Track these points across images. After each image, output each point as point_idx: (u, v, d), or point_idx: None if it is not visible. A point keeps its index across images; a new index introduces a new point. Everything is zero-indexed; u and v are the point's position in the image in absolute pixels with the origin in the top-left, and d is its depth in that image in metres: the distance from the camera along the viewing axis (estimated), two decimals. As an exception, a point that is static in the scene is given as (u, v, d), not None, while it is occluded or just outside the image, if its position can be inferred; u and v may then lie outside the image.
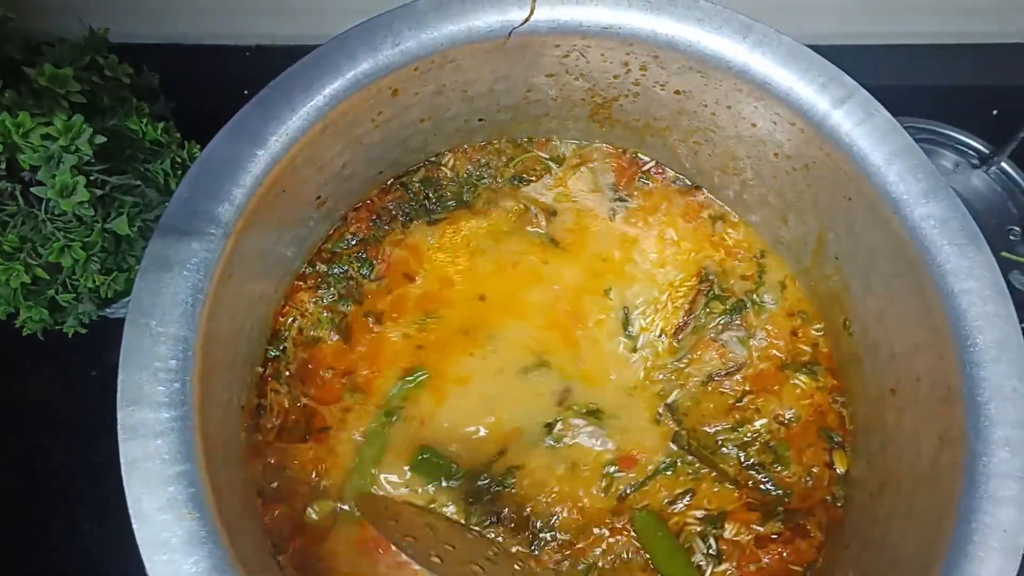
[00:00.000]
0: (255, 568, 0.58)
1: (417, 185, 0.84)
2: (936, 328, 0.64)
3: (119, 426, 0.55)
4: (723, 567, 0.73)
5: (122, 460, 0.55)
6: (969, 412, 0.60)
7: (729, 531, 0.74)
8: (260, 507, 0.70)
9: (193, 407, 0.57)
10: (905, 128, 0.67)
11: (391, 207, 0.83)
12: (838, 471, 0.76)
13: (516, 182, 0.85)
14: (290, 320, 0.78)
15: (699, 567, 0.73)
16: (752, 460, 0.76)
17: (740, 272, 0.83)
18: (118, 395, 0.56)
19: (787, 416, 0.78)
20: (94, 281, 0.78)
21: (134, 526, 0.54)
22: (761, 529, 0.74)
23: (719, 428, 0.78)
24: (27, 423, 0.90)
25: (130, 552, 0.54)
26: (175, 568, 0.53)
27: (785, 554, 0.73)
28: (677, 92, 0.75)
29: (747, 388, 0.79)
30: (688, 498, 0.75)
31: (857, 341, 0.76)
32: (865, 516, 0.72)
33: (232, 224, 0.61)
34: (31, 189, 0.71)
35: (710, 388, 0.79)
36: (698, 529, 0.74)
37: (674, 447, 0.76)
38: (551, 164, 0.86)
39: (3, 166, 0.69)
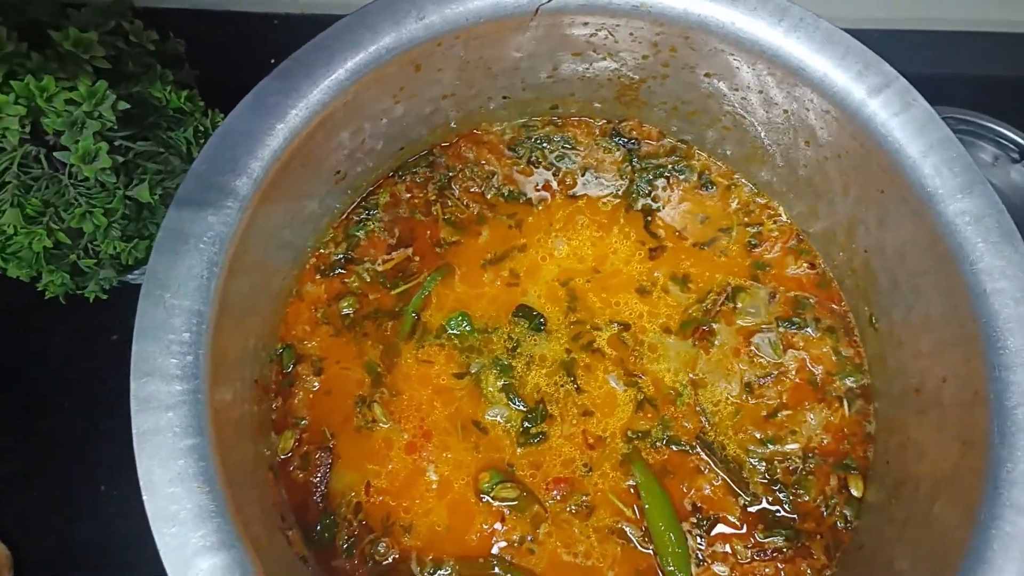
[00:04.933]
0: (263, 543, 0.58)
1: (439, 162, 0.83)
2: (965, 328, 0.62)
3: (132, 397, 0.55)
4: (717, 570, 0.71)
5: (134, 431, 0.55)
6: (995, 416, 0.59)
7: (719, 546, 0.72)
8: (271, 481, 0.70)
9: (205, 380, 0.57)
10: (943, 119, 0.64)
11: (411, 186, 0.82)
12: (853, 494, 0.73)
13: (534, 165, 0.84)
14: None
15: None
16: (777, 477, 0.74)
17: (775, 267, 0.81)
18: (132, 366, 0.56)
19: (818, 442, 0.75)
20: (115, 247, 0.78)
21: (144, 498, 0.54)
22: (762, 540, 0.72)
23: (751, 437, 0.75)
24: (46, 385, 0.91)
25: (143, 512, 0.54)
26: (183, 541, 0.53)
27: (784, 572, 0.71)
28: (707, 75, 0.73)
29: (784, 401, 0.76)
30: (685, 487, 0.74)
31: (883, 337, 0.74)
32: (880, 516, 0.71)
33: (249, 198, 0.60)
34: (55, 153, 0.71)
35: (748, 397, 0.76)
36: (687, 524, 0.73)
37: (698, 446, 0.75)
38: (575, 144, 0.84)
39: (28, 129, 0.69)
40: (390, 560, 0.70)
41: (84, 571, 0.85)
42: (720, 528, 0.72)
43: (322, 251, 0.79)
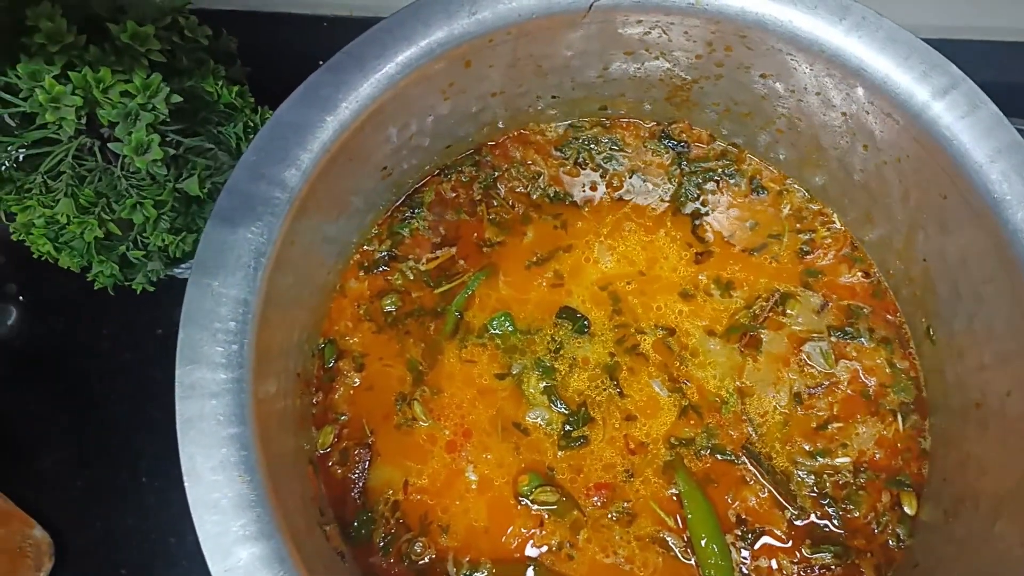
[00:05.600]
0: (301, 536, 0.58)
1: (486, 161, 0.83)
2: (1032, 340, 0.59)
3: (176, 384, 0.55)
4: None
5: (178, 418, 0.55)
6: (1064, 432, 0.56)
7: (764, 560, 0.70)
8: (311, 476, 0.70)
9: (250, 370, 0.57)
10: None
11: (456, 185, 0.82)
12: (907, 511, 0.71)
13: (581, 166, 0.83)
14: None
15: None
16: (826, 492, 0.71)
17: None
18: (178, 353, 0.56)
19: (870, 456, 0.73)
20: (164, 240, 0.79)
21: (186, 485, 0.54)
22: (809, 556, 0.69)
23: (800, 448, 0.73)
24: (93, 376, 0.92)
25: (184, 506, 0.54)
26: (223, 529, 0.53)
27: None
28: (763, 76, 0.71)
29: (835, 413, 0.74)
30: (729, 498, 0.72)
31: (941, 349, 0.71)
32: (937, 535, 0.68)
33: (298, 189, 0.60)
34: (108, 145, 0.72)
35: (798, 407, 0.74)
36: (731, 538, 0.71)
37: (744, 456, 0.73)
38: (623, 146, 0.83)
39: (84, 121, 0.70)
40: (426, 560, 0.69)
41: (124, 560, 0.85)
42: (765, 541, 0.70)
43: (366, 248, 0.79)
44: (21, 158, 0.74)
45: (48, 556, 0.83)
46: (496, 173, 0.82)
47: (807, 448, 0.73)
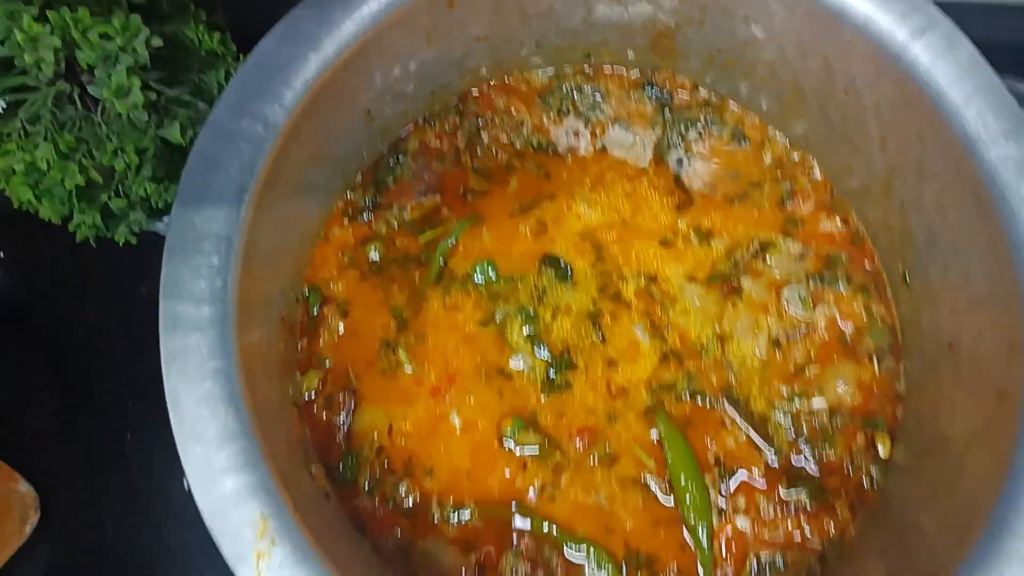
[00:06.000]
0: (287, 472, 0.58)
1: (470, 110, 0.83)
2: (1005, 280, 0.60)
3: (160, 318, 0.56)
4: (739, 523, 0.70)
5: (162, 352, 0.55)
6: (1032, 366, 0.57)
7: (741, 500, 0.71)
8: (295, 418, 0.70)
9: (233, 306, 0.57)
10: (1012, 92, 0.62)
11: (440, 134, 0.82)
12: (880, 453, 0.72)
13: (564, 115, 0.83)
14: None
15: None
16: (803, 434, 0.72)
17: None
18: (161, 287, 0.56)
19: (846, 399, 0.74)
20: (146, 189, 0.78)
21: (171, 417, 0.54)
22: (784, 493, 0.70)
23: (778, 392, 0.74)
24: (75, 335, 0.92)
25: (168, 463, 0.54)
26: (208, 459, 0.53)
27: (806, 527, 0.70)
28: (745, 19, 0.71)
29: (812, 358, 0.75)
30: (709, 440, 0.73)
31: (916, 295, 0.72)
32: (909, 476, 0.69)
33: (280, 126, 0.60)
34: (88, 90, 0.72)
35: (776, 352, 0.75)
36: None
37: (723, 400, 0.74)
38: (607, 95, 0.83)
39: (63, 65, 0.69)
40: (411, 502, 0.70)
41: (109, 514, 0.85)
42: (743, 480, 0.71)
43: (350, 195, 0.79)
44: (1, 110, 0.73)
45: (33, 509, 0.83)
46: (480, 122, 0.82)
47: (784, 392, 0.74)
